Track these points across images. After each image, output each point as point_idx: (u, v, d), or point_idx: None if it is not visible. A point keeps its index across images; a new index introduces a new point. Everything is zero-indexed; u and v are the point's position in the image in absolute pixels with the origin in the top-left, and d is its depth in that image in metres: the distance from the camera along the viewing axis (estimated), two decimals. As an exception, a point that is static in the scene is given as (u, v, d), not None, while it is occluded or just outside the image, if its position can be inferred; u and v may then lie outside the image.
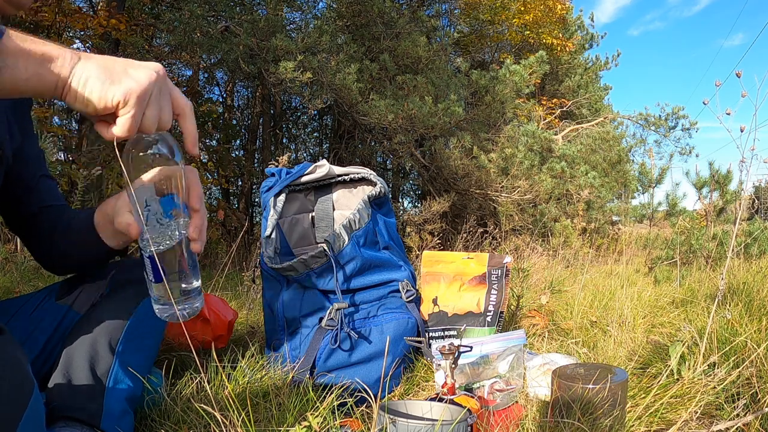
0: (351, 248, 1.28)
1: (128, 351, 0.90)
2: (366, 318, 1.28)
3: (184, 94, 0.70)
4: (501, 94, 6.02)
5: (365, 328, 1.25)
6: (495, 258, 1.48)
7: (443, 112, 5.24)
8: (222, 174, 7.50)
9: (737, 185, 3.76)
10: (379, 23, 6.04)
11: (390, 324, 1.27)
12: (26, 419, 0.58)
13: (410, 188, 9.53)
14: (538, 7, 9.12)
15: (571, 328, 1.66)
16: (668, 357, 1.14)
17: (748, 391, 1.00)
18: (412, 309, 1.35)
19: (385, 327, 1.26)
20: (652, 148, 8.93)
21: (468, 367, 1.16)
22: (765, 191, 10.82)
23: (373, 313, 1.29)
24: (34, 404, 0.60)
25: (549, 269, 3.24)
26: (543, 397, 1.11)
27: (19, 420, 0.57)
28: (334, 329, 1.21)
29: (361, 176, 1.43)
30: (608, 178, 6.84)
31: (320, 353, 1.21)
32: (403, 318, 1.29)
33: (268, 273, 1.32)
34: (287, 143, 9.41)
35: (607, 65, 11.25)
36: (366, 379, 1.18)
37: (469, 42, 9.58)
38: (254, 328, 1.74)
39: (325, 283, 1.27)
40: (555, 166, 5.99)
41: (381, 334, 1.25)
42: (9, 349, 0.58)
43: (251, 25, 5.16)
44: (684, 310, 1.84)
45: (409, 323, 1.30)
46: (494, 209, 6.07)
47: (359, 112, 5.40)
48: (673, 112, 8.84)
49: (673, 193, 4.72)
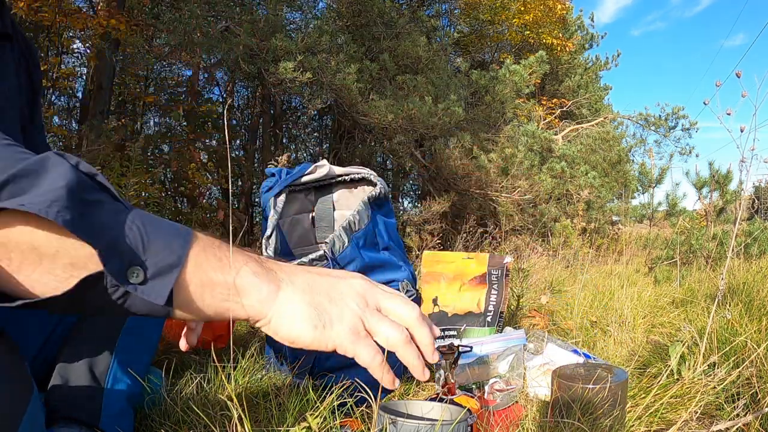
0: (351, 250, 1.28)
1: (127, 350, 0.90)
2: (366, 318, 1.28)
3: (184, 94, 0.68)
4: (501, 94, 6.03)
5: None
6: (495, 258, 1.48)
7: (443, 112, 5.24)
8: (222, 174, 7.50)
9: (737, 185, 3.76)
10: (379, 23, 6.04)
11: (390, 324, 1.27)
12: (26, 421, 0.57)
13: (410, 188, 9.53)
14: (538, 7, 9.12)
15: (571, 328, 1.66)
16: (668, 357, 1.14)
17: (748, 391, 1.00)
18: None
19: (385, 327, 1.26)
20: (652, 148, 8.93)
21: (468, 367, 1.16)
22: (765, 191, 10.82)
23: (373, 313, 1.29)
24: (34, 406, 0.60)
25: (549, 269, 3.24)
26: (543, 397, 1.11)
27: (19, 422, 0.57)
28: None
29: (362, 176, 1.43)
30: (608, 178, 6.85)
31: (320, 353, 1.21)
32: (403, 318, 1.29)
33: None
34: (287, 143, 9.41)
35: (607, 65, 11.25)
36: (366, 380, 1.18)
37: (469, 42, 9.58)
38: (254, 328, 1.74)
39: None
40: (555, 166, 5.99)
41: None
42: (8, 350, 0.58)
43: (251, 25, 5.16)
44: (684, 310, 1.84)
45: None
46: (494, 209, 6.07)
47: (359, 112, 5.40)
48: (673, 112, 8.84)
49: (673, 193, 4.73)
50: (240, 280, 0.48)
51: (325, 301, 0.51)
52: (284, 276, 0.51)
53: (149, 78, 8.27)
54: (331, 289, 0.52)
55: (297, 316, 0.49)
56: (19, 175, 0.43)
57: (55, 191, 0.42)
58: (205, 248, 0.48)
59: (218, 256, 0.48)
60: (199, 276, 0.47)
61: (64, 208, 0.42)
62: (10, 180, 0.42)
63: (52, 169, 0.44)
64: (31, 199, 0.41)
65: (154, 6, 6.75)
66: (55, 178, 0.43)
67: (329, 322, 0.50)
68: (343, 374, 1.20)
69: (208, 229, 5.50)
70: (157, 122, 8.91)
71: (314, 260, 1.25)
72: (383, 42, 6.08)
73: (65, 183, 0.43)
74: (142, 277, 0.45)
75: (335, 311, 0.51)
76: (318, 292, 0.52)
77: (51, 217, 0.41)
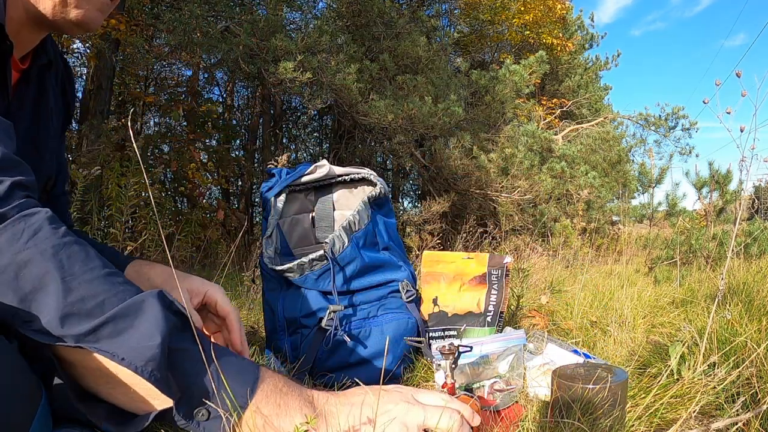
0: (351, 250, 1.28)
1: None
2: (366, 318, 1.28)
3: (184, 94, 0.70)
4: (501, 94, 6.03)
5: (365, 329, 1.25)
6: (495, 258, 1.48)
7: (443, 112, 5.24)
8: (222, 174, 7.50)
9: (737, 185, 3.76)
10: (379, 23, 6.04)
11: (390, 324, 1.27)
12: (35, 426, 0.58)
13: (410, 188, 9.54)
14: (538, 7, 9.12)
15: (571, 328, 1.66)
16: (668, 357, 1.14)
17: (748, 391, 1.00)
18: (412, 309, 1.35)
19: (385, 327, 1.26)
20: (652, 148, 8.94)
21: (468, 367, 1.16)
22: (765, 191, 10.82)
23: (373, 314, 1.29)
24: (43, 411, 0.61)
25: (549, 269, 3.24)
26: (543, 397, 1.11)
27: (29, 425, 0.57)
28: (333, 330, 1.21)
29: (362, 176, 1.43)
30: (608, 178, 6.85)
31: (320, 353, 1.21)
32: (403, 318, 1.29)
33: (268, 273, 1.32)
34: (287, 143, 9.42)
35: (607, 65, 11.25)
36: (366, 379, 1.18)
37: (469, 42, 9.59)
38: (254, 328, 1.74)
39: (326, 285, 1.27)
40: (555, 166, 5.99)
41: (381, 334, 1.25)
42: (17, 354, 0.58)
43: (251, 25, 5.16)
44: (684, 310, 1.84)
45: (409, 323, 1.30)
46: (494, 209, 6.07)
47: (359, 112, 5.40)
48: (673, 112, 8.84)
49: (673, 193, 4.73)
50: (289, 427, 0.56)
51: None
52: (332, 420, 0.58)
53: (149, 78, 8.28)
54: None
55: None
56: (119, 315, 0.52)
57: (151, 349, 0.51)
58: (268, 395, 0.57)
59: (277, 403, 0.57)
60: (255, 419, 0.55)
61: (157, 369, 0.51)
62: (110, 320, 0.51)
63: (149, 311, 0.53)
64: (128, 353, 0.51)
65: (154, 6, 6.75)
66: (150, 330, 0.52)
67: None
68: (343, 374, 1.20)
69: (207, 229, 5.50)
70: (157, 122, 8.92)
71: (314, 260, 1.25)
72: (383, 42, 6.08)
73: (160, 339, 0.52)
74: (207, 417, 0.55)
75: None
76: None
77: (145, 376, 0.51)
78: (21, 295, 0.50)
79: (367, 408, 0.59)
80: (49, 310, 0.51)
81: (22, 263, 0.51)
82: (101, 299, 0.52)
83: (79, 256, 0.54)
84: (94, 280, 0.53)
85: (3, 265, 0.50)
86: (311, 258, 1.24)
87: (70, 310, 0.51)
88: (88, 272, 0.53)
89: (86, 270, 0.53)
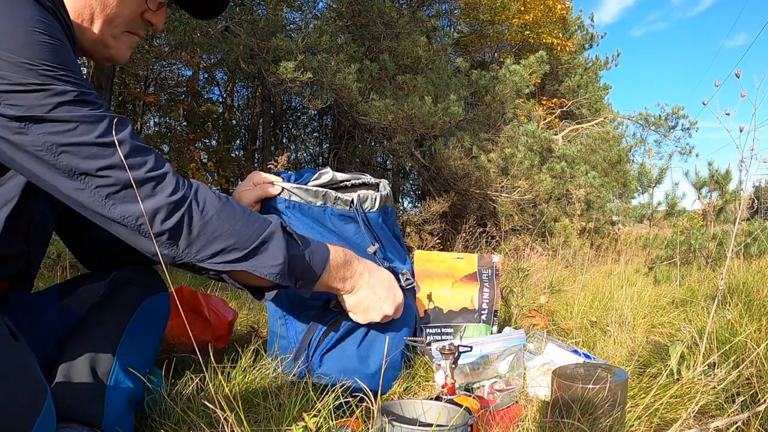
0: (377, 215, 1.30)
1: (129, 351, 0.90)
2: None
3: (184, 94, 0.74)
4: (501, 94, 6.03)
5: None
6: (484, 258, 1.51)
7: (443, 112, 5.24)
8: (222, 174, 7.50)
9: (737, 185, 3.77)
10: (379, 23, 6.05)
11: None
12: (39, 425, 0.58)
13: (410, 188, 9.53)
14: (538, 7, 9.13)
15: (571, 328, 1.66)
16: (668, 357, 1.15)
17: (748, 391, 1.01)
18: (410, 296, 1.36)
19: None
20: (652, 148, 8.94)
21: (468, 367, 1.16)
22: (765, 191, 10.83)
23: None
24: (47, 411, 0.61)
25: (549, 269, 3.24)
26: (543, 397, 1.11)
27: (32, 426, 0.58)
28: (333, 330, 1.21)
29: (362, 181, 1.44)
30: (608, 178, 6.85)
31: (321, 352, 1.21)
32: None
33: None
34: (287, 143, 9.41)
35: (607, 65, 11.25)
36: (366, 370, 1.19)
37: (469, 42, 9.59)
38: (254, 328, 1.74)
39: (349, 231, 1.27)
40: (555, 166, 5.99)
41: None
42: (24, 356, 0.59)
43: (251, 25, 5.16)
44: (684, 310, 1.84)
45: (408, 311, 1.31)
46: (494, 209, 6.07)
47: (359, 112, 5.40)
48: (673, 112, 8.85)
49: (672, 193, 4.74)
50: (345, 288, 1.06)
51: (378, 301, 1.11)
52: (360, 283, 1.08)
53: (149, 78, 8.28)
54: (378, 284, 1.10)
55: (361, 305, 1.10)
56: (258, 246, 0.85)
57: (277, 267, 0.87)
58: (331, 271, 1.00)
59: (341, 276, 1.03)
60: (326, 282, 1.00)
61: (281, 277, 0.88)
62: (255, 251, 0.85)
63: (276, 239, 0.87)
64: (265, 270, 0.86)
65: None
66: (276, 252, 0.87)
67: (377, 310, 1.11)
68: (343, 374, 1.20)
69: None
70: (157, 122, 8.92)
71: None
72: (383, 42, 6.08)
73: (284, 258, 0.87)
74: (301, 284, 0.95)
75: (382, 306, 1.11)
76: (378, 295, 1.10)
77: (277, 281, 0.88)
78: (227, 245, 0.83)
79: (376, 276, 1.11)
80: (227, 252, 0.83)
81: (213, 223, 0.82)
82: (248, 235, 0.84)
83: (230, 210, 0.83)
84: (241, 223, 0.83)
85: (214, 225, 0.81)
86: (337, 196, 1.24)
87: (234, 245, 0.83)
88: (238, 222, 0.83)
89: (236, 221, 0.83)
